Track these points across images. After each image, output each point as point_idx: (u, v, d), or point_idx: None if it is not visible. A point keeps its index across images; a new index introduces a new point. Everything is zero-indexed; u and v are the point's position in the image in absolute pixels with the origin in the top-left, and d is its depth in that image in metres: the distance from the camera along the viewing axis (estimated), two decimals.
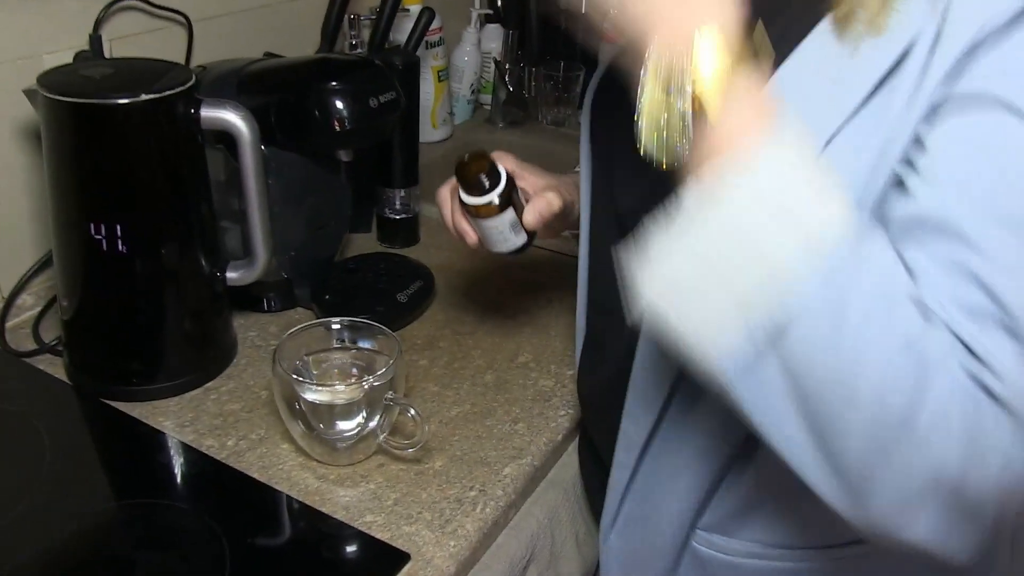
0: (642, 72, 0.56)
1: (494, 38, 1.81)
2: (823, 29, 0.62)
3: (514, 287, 1.24)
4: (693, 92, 0.55)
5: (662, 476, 0.75)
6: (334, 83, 1.02)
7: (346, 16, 1.32)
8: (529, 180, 0.93)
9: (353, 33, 1.43)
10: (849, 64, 0.60)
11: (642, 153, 0.56)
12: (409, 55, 1.25)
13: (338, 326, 0.95)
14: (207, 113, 0.94)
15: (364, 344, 0.96)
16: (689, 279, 0.55)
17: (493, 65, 1.78)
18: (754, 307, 0.53)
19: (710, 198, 0.54)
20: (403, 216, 1.34)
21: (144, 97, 0.88)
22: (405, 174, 1.31)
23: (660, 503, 0.76)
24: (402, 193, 1.32)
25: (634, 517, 0.79)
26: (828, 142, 0.60)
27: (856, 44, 0.60)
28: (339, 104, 1.02)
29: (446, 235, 1.36)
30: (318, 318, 1.13)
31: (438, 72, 1.63)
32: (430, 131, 1.68)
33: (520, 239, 0.92)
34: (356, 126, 1.03)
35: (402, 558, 0.81)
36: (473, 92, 1.82)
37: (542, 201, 0.89)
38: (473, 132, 1.80)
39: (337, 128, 1.03)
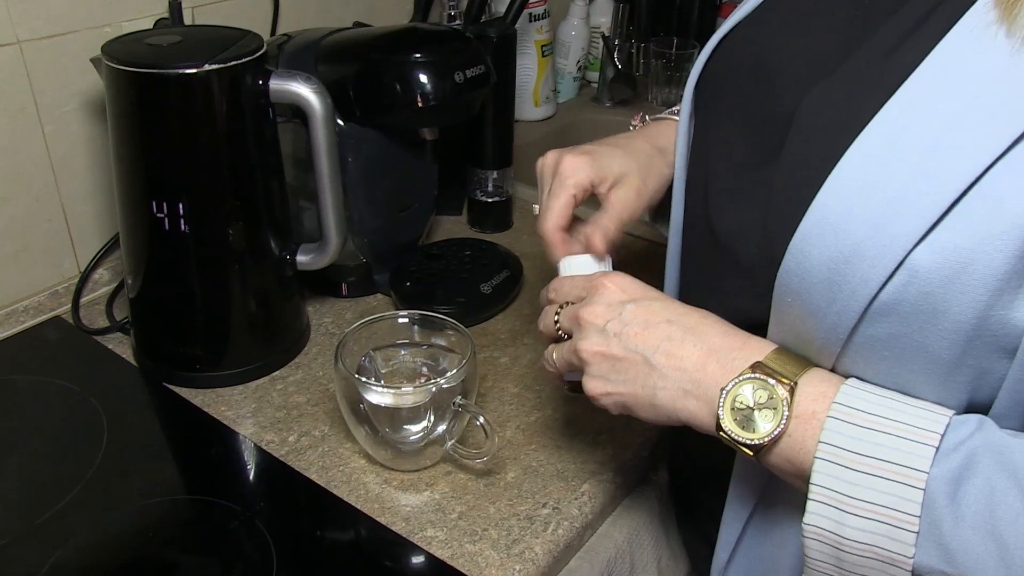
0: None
1: (603, 12, 1.71)
2: (974, 22, 0.51)
3: None
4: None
5: (778, 523, 0.65)
6: (417, 55, 0.95)
7: None
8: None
9: (451, 3, 1.35)
10: (1013, 58, 0.49)
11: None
12: (506, 27, 1.16)
13: (407, 320, 0.88)
14: (276, 85, 0.87)
15: (437, 341, 0.88)
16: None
17: (601, 41, 1.68)
18: None
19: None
20: (495, 199, 1.26)
21: (208, 67, 0.82)
22: (498, 154, 1.23)
23: (778, 551, 0.66)
24: (494, 175, 1.24)
25: (748, 566, 0.69)
26: (979, 178, 0.48)
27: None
28: (422, 78, 0.94)
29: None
30: (396, 306, 1.06)
31: (541, 47, 1.54)
32: (531, 109, 1.59)
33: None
34: (440, 102, 0.95)
35: None
36: (580, 69, 1.73)
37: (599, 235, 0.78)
38: (578, 111, 1.71)
39: (419, 104, 0.95)
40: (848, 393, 0.54)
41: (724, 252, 0.66)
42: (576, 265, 0.75)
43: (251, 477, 0.85)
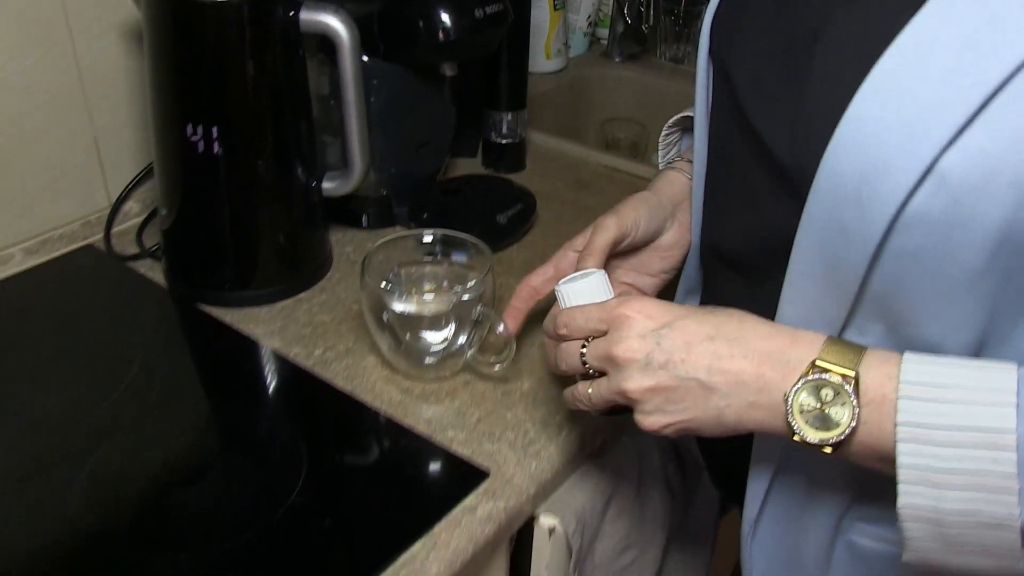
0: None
1: None
2: None
3: None
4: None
5: (805, 473, 0.67)
6: None
7: None
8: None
9: None
10: None
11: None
12: None
13: (430, 238, 0.93)
14: (306, 16, 0.92)
15: (457, 258, 0.93)
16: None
17: None
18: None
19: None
20: (509, 141, 1.30)
21: None
22: (512, 97, 1.27)
23: (805, 500, 0.68)
24: (509, 117, 1.28)
25: (776, 515, 0.71)
26: (1005, 82, 0.50)
27: None
28: (443, 14, 0.99)
29: (553, 163, 1.34)
30: None
31: (553, 1, 1.58)
32: (543, 62, 1.64)
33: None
34: (460, 37, 1.00)
35: (480, 475, 0.79)
36: (590, 25, 1.77)
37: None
38: (588, 66, 1.75)
39: (440, 38, 0.99)
40: (911, 369, 0.54)
41: (758, 156, 0.66)
42: (579, 293, 0.70)
43: (280, 385, 0.90)
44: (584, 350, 0.66)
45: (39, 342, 0.95)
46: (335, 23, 0.91)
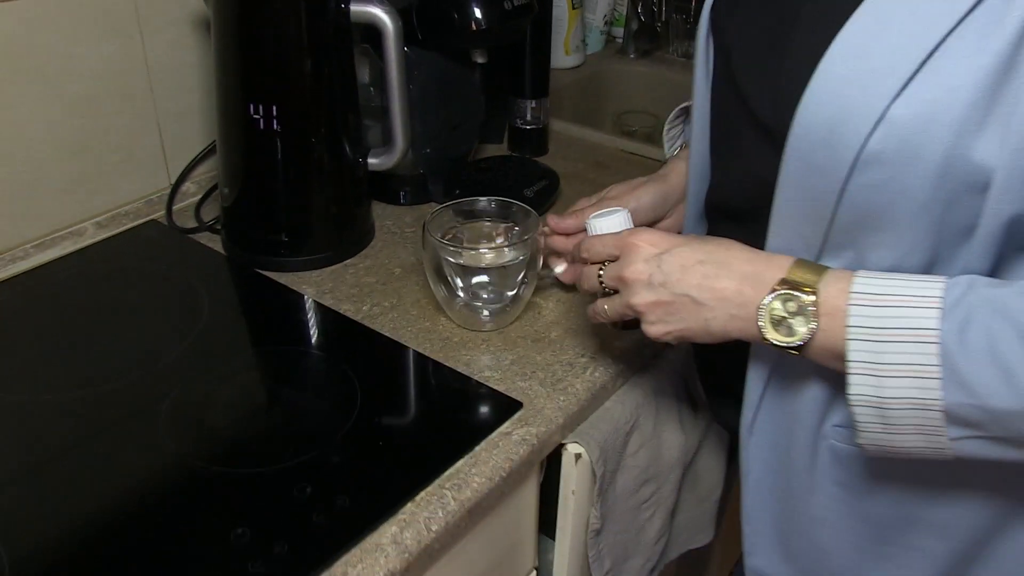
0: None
1: None
2: None
3: None
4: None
5: (792, 383, 0.78)
6: None
7: None
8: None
9: None
10: None
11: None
12: None
13: (485, 203, 1.03)
14: (356, 7, 1.03)
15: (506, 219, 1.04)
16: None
17: None
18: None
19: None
20: (533, 126, 1.41)
21: None
22: (536, 85, 1.38)
23: (792, 407, 0.79)
24: (533, 104, 1.39)
25: (769, 421, 0.82)
26: (955, 26, 0.61)
27: None
28: (475, 5, 1.09)
29: (574, 147, 1.45)
30: (454, 213, 1.22)
31: (571, 0, 1.69)
32: (562, 57, 1.75)
33: None
34: (490, 26, 1.10)
35: (515, 406, 0.89)
36: (606, 23, 1.88)
37: None
38: (605, 62, 1.86)
39: (473, 27, 1.10)
40: (861, 283, 0.66)
41: (747, 116, 0.78)
42: (603, 225, 0.84)
43: (333, 333, 1.01)
44: (601, 272, 0.80)
45: (116, 302, 1.06)
46: (381, 14, 1.02)
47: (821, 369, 0.72)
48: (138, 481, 0.81)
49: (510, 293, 0.99)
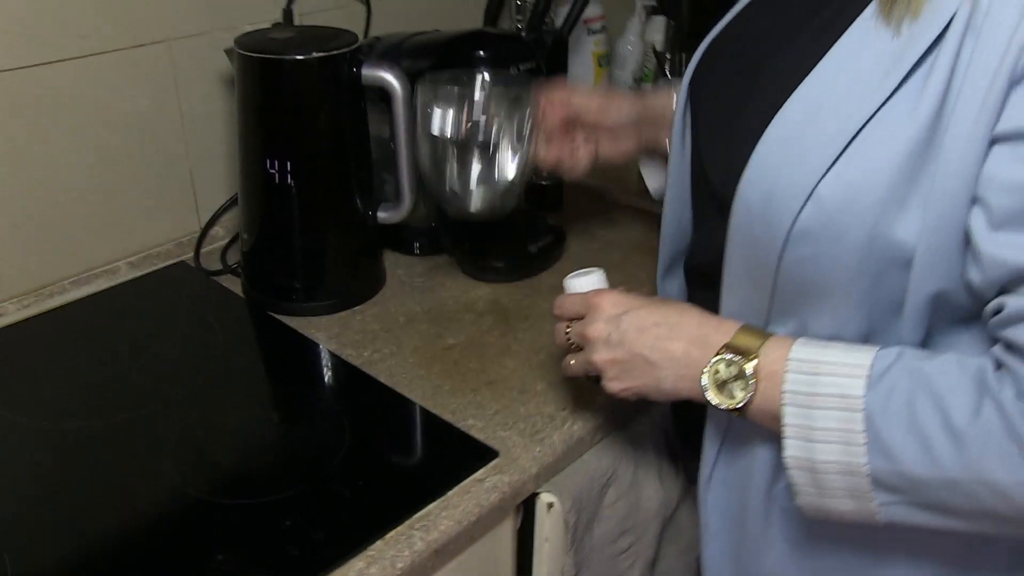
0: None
1: (659, 30, 1.91)
2: (869, 14, 0.70)
3: (641, 252, 1.35)
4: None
5: (745, 442, 0.83)
6: (480, 52, 1.17)
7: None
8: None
9: (519, 18, 1.57)
10: (890, 43, 0.67)
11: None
12: (560, 34, 1.38)
13: (481, 75, 1.05)
14: (367, 72, 1.10)
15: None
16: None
17: (653, 55, 1.89)
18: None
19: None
20: (548, 182, 1.47)
21: (315, 55, 1.06)
22: None
23: (745, 466, 0.83)
24: None
25: (725, 479, 0.86)
26: (875, 113, 0.66)
27: (898, 26, 0.67)
28: (482, 71, 1.16)
29: (590, 202, 1.51)
30: (460, 266, 1.28)
31: (599, 58, 1.75)
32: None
33: None
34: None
35: (492, 454, 0.95)
36: (635, 80, 1.93)
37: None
38: None
39: (477, 94, 1.17)
40: (798, 350, 0.71)
41: (706, 186, 0.84)
42: (578, 284, 0.90)
43: (332, 377, 1.08)
44: (568, 329, 0.87)
45: (140, 338, 1.14)
46: (390, 78, 1.10)
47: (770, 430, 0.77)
48: (136, 504, 0.88)
49: (500, 172, 1.02)
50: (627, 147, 1.08)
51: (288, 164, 1.10)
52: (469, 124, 1.01)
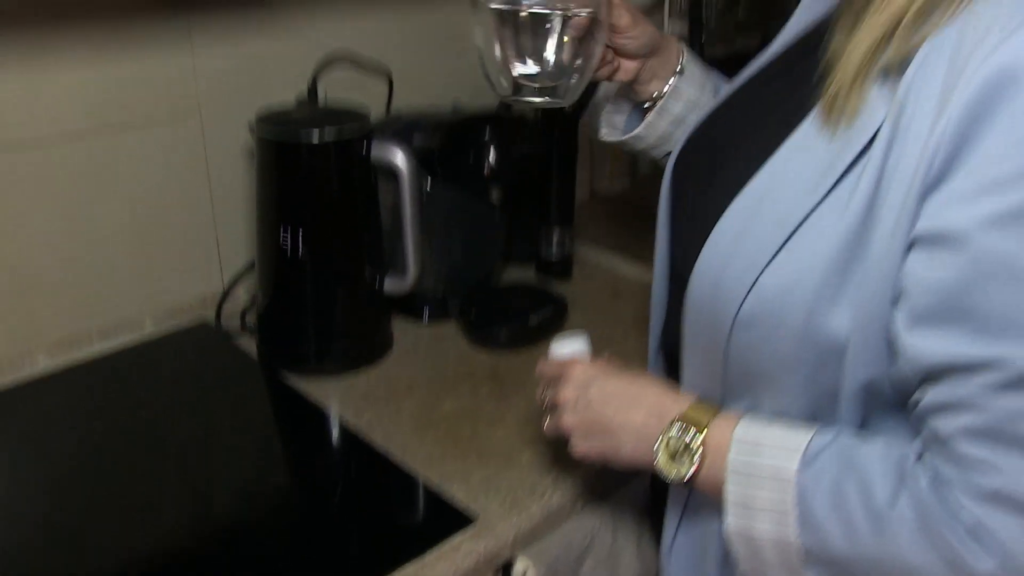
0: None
1: None
2: (813, 117, 0.76)
3: (641, 327, 1.39)
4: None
5: (702, 513, 0.87)
6: (485, 135, 1.24)
7: None
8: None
9: None
10: (826, 149, 0.72)
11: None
12: (573, 110, 1.44)
13: None
14: (376, 151, 1.18)
15: None
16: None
17: None
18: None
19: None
20: (558, 251, 1.53)
21: (328, 139, 1.14)
22: (561, 215, 1.50)
23: (703, 535, 0.88)
24: (557, 232, 1.51)
25: (685, 547, 0.91)
26: (811, 212, 0.72)
27: (834, 131, 0.72)
28: (486, 153, 1.23)
29: (599, 274, 1.56)
30: (464, 334, 1.34)
31: None
32: (607, 184, 1.87)
33: None
34: (501, 170, 1.24)
35: (470, 520, 0.99)
36: None
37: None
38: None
39: (485, 172, 1.24)
40: (743, 427, 0.76)
41: (672, 271, 0.92)
42: (562, 350, 0.96)
43: (330, 440, 1.14)
44: (545, 393, 0.93)
45: (157, 393, 1.22)
46: (397, 158, 1.17)
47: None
48: (126, 550, 0.95)
49: (567, 61, 0.96)
50: (624, 71, 1.06)
51: (300, 235, 1.17)
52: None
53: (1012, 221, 0.61)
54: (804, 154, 0.75)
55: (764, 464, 0.73)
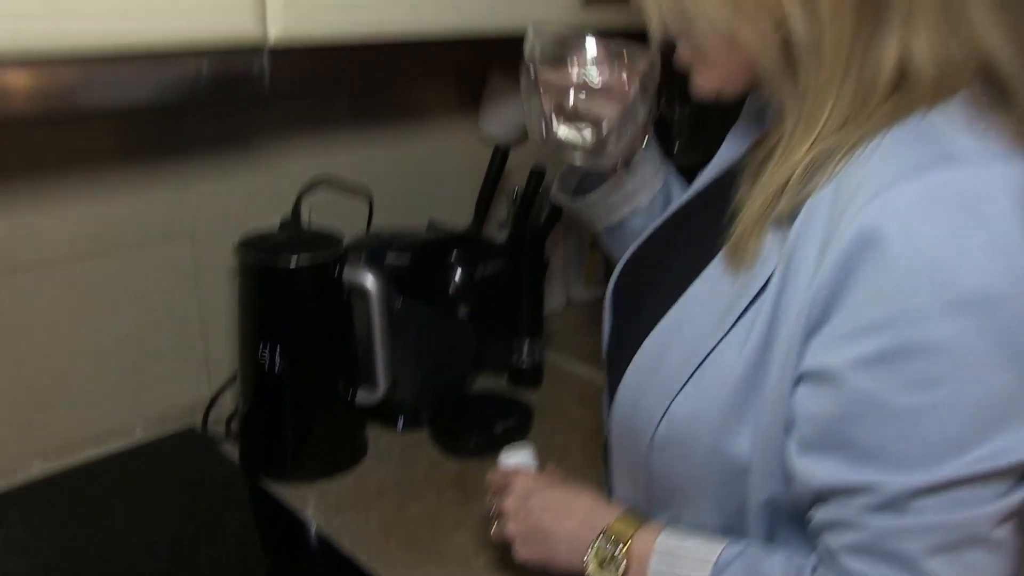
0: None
1: None
2: (720, 257, 0.85)
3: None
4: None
5: None
6: (452, 257, 1.34)
7: (505, 192, 1.66)
8: None
9: (509, 207, 1.75)
10: (730, 288, 0.81)
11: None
12: (539, 231, 1.55)
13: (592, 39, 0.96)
14: (347, 274, 1.28)
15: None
16: None
17: None
18: None
19: None
20: (528, 360, 1.61)
21: (302, 263, 1.24)
22: (531, 326, 1.59)
23: None
24: (527, 343, 1.60)
25: None
26: (715, 346, 0.81)
27: (735, 272, 0.81)
28: (453, 273, 1.33)
29: (568, 382, 1.65)
30: (435, 441, 1.42)
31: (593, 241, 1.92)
32: (581, 291, 1.97)
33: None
34: (465, 291, 1.34)
35: None
36: None
37: None
38: None
39: (451, 292, 1.34)
40: (663, 539, 0.84)
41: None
42: (508, 460, 1.05)
43: (300, 544, 1.22)
44: (491, 502, 1.02)
45: (147, 498, 1.30)
46: (367, 281, 1.27)
47: None
48: None
49: (608, 120, 0.97)
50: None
51: (278, 351, 1.26)
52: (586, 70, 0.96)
53: (877, 363, 0.70)
54: (712, 291, 0.84)
55: (681, 574, 0.82)
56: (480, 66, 1.55)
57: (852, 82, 0.74)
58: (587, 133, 0.98)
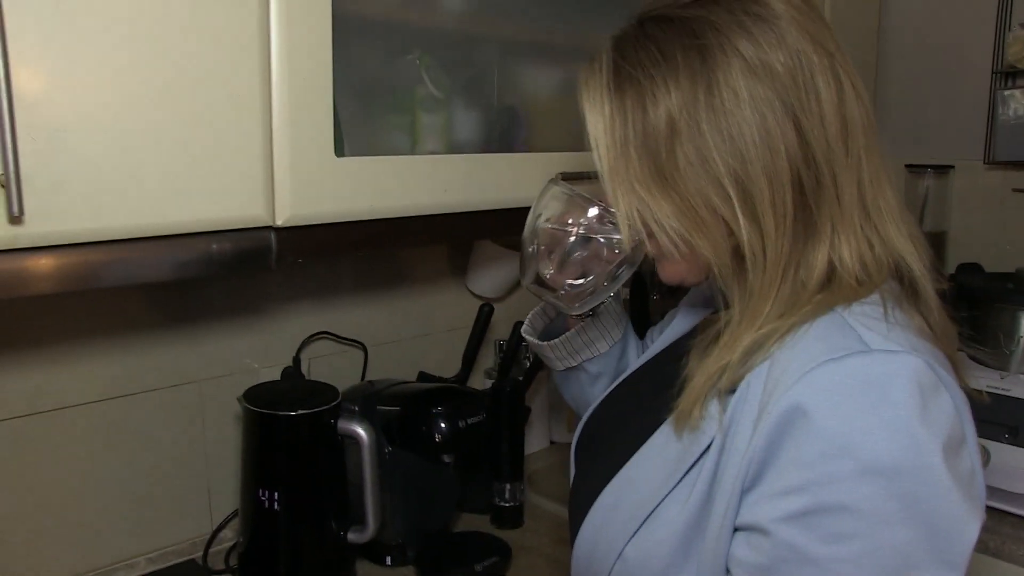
0: None
1: None
2: (667, 424, 0.97)
3: None
4: None
5: None
6: (437, 408, 1.47)
7: (492, 343, 1.80)
8: None
9: (496, 356, 1.88)
10: (677, 447, 0.93)
11: None
12: (519, 383, 1.68)
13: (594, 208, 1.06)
14: (341, 424, 1.41)
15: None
16: None
17: None
18: None
19: None
20: (510, 503, 1.72)
21: (300, 412, 1.37)
22: (511, 470, 1.71)
23: None
24: (508, 485, 1.71)
25: None
26: (664, 499, 0.93)
27: (680, 436, 0.93)
28: (438, 423, 1.46)
29: (548, 522, 1.75)
30: None
31: None
32: (565, 433, 2.08)
33: None
34: (449, 439, 1.46)
35: None
36: None
37: None
38: None
39: (436, 440, 1.46)
40: None
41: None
42: None
43: None
44: None
45: None
46: (359, 431, 1.39)
47: None
48: None
49: (594, 278, 1.07)
50: None
51: (276, 494, 1.38)
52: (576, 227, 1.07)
53: (800, 519, 0.82)
54: (661, 451, 0.96)
55: None
56: (467, 234, 1.71)
57: (790, 282, 0.89)
58: (570, 284, 1.09)
